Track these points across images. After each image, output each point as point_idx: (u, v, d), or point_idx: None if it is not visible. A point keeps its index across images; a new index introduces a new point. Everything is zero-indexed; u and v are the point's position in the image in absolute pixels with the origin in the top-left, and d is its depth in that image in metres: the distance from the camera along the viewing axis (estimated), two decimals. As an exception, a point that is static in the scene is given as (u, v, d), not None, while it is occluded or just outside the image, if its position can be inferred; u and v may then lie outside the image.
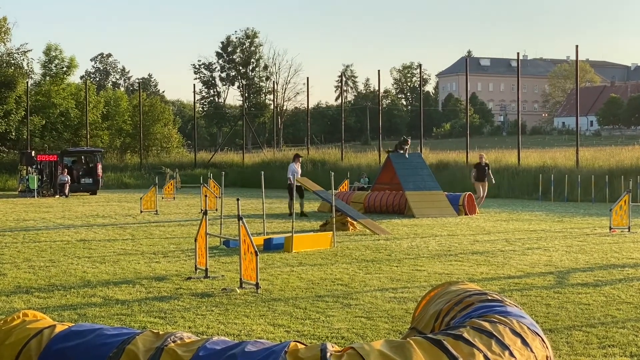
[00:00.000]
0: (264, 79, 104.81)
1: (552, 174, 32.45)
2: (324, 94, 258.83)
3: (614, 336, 7.81)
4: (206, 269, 11.69)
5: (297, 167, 23.98)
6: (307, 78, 50.49)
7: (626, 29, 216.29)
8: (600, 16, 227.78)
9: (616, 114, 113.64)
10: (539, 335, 5.60)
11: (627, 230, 18.52)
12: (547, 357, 5.53)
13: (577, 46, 35.95)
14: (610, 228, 18.66)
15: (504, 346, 5.15)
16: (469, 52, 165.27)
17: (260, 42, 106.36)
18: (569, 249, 15.18)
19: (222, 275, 11.81)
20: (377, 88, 48.44)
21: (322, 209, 25.33)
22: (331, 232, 16.06)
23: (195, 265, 12.05)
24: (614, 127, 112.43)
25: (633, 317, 8.76)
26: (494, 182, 27.11)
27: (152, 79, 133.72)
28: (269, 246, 15.09)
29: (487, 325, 5.35)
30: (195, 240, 12.01)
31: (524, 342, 5.33)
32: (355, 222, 18.95)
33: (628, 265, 12.89)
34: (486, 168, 26.58)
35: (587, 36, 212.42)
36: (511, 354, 5.13)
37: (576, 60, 38.13)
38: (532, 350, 5.32)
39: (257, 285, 10.44)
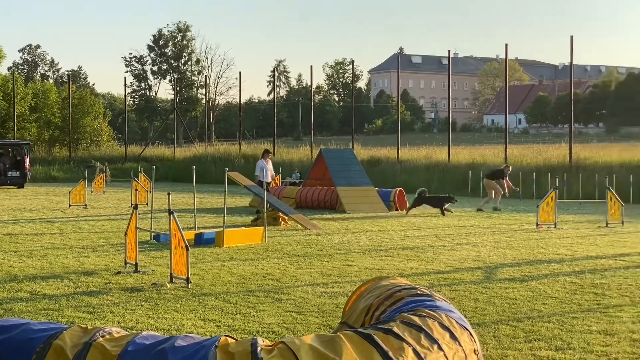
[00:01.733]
0: (196, 72, 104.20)
1: (481, 170, 32.91)
2: (257, 89, 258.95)
3: (539, 330, 7.97)
4: (136, 264, 11.56)
5: (266, 164, 23.84)
6: (240, 72, 50.25)
7: (554, 29, 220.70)
8: (529, 16, 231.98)
9: (544, 112, 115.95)
10: (467, 329, 5.68)
11: (554, 226, 18.91)
12: (474, 350, 5.62)
13: (506, 45, 36.58)
14: (537, 224, 19.03)
15: (433, 340, 5.22)
16: (400, 49, 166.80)
17: (193, 36, 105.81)
18: (497, 245, 15.44)
19: (153, 270, 11.69)
20: (309, 83, 48.49)
21: (253, 203, 25.27)
22: (262, 227, 16.04)
23: (125, 260, 11.91)
24: (542, 125, 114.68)
25: (558, 311, 8.95)
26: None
27: (82, 72, 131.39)
28: (200, 241, 15.00)
29: (416, 319, 5.41)
30: (125, 234, 11.87)
31: (453, 336, 5.41)
32: (286, 217, 18.96)
33: (554, 261, 13.16)
34: (503, 176, 25.32)
35: (516, 35, 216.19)
36: (440, 348, 5.20)
37: (505, 59, 38.75)
38: (460, 344, 5.40)
39: (187, 279, 10.37)
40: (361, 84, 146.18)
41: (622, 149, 38.36)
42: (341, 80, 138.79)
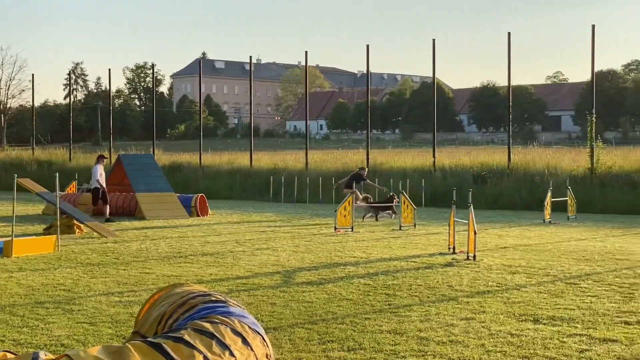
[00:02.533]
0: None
1: (282, 175, 33.33)
2: (52, 92, 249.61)
3: (333, 332, 8.12)
4: None
5: (102, 169, 22.78)
6: (33, 75, 48.28)
7: (353, 38, 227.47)
8: (329, 24, 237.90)
9: (344, 118, 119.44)
10: (260, 334, 5.70)
11: (351, 230, 19.42)
12: (267, 354, 5.64)
13: (306, 52, 37.19)
14: (335, 228, 19.47)
15: (225, 346, 5.19)
16: (203, 54, 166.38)
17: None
18: (297, 249, 15.63)
19: None
20: (108, 87, 47.26)
21: (46, 211, 24.28)
22: (55, 235, 15.42)
23: None
24: (342, 131, 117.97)
25: (352, 312, 9.16)
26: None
27: None
28: (-13, 251, 14.21)
29: (208, 326, 5.37)
30: None
31: (245, 342, 5.41)
32: (82, 225, 18.35)
33: (350, 264, 13.49)
34: (362, 179, 25.42)
35: (317, 43, 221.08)
36: (231, 354, 5.18)
37: (305, 66, 39.42)
38: (252, 349, 5.41)
39: (-30, 293, 9.78)
40: (163, 88, 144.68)
41: (415, 155, 40.08)
42: (142, 84, 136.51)
